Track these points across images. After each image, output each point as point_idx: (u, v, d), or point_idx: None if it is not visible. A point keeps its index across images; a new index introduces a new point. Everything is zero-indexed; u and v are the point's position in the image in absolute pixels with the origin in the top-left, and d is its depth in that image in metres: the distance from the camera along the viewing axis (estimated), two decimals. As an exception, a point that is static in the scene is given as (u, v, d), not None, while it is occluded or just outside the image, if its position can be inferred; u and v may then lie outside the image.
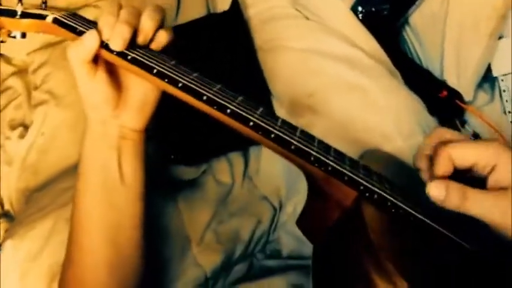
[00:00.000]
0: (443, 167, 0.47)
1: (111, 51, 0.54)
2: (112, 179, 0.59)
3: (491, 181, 0.46)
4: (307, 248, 0.80)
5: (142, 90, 0.59)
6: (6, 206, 0.90)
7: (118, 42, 0.53)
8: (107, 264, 0.60)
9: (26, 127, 0.93)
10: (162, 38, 0.56)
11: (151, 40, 0.56)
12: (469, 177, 0.48)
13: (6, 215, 0.90)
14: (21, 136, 0.92)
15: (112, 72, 0.57)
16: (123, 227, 0.61)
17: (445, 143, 0.48)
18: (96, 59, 0.55)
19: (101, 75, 0.55)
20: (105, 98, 0.56)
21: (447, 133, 0.50)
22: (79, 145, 0.86)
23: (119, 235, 0.60)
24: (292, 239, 0.83)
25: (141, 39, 0.55)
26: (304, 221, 0.58)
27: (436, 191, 0.46)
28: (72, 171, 0.86)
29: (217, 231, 0.79)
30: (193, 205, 0.81)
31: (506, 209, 0.44)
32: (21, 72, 1.00)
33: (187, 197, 0.82)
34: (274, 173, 0.87)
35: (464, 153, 0.46)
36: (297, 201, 0.85)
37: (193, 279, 0.75)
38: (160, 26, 0.57)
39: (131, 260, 0.62)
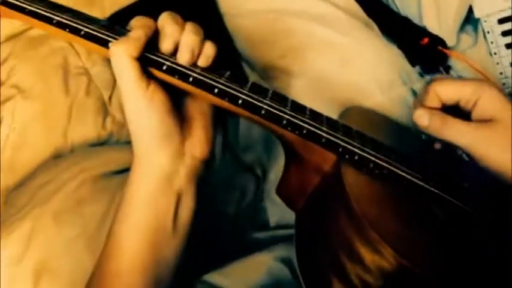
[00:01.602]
0: (430, 100, 0.52)
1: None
2: (163, 229, 0.51)
3: (474, 115, 0.51)
4: (293, 216, 0.78)
5: (202, 112, 0.52)
6: (-13, 208, 0.88)
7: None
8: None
9: (-4, 125, 0.89)
10: (210, 52, 0.50)
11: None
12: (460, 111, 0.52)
13: (-12, 217, 0.87)
14: (-7, 134, 0.88)
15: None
16: (164, 268, 0.52)
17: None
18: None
19: (157, 95, 0.47)
20: (168, 127, 0.48)
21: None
22: (52, 136, 0.87)
23: (158, 268, 0.52)
24: (277, 208, 0.81)
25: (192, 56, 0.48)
26: (283, 189, 0.56)
27: (420, 116, 0.51)
28: (48, 164, 0.84)
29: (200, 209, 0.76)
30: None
31: (489, 139, 0.48)
32: (-14, 69, 0.96)
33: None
34: (254, 140, 0.84)
35: (448, 89, 0.51)
36: (279, 168, 0.81)
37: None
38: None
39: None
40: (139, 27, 0.47)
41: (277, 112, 0.49)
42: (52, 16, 0.51)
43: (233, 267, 0.66)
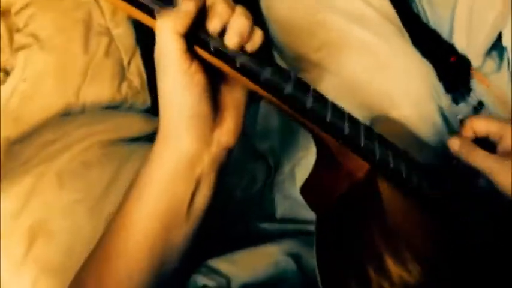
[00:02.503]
0: (465, 131, 0.62)
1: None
2: (177, 214, 0.49)
3: (499, 147, 0.60)
4: (303, 212, 0.77)
5: (236, 101, 0.50)
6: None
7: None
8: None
9: (7, 72, 0.86)
10: (258, 39, 0.47)
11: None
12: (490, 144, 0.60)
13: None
14: (2, 82, 0.85)
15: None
16: (171, 252, 0.51)
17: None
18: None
19: (198, 75, 0.45)
20: (201, 111, 0.46)
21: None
22: (64, 92, 0.84)
23: (165, 252, 0.51)
24: (287, 201, 0.80)
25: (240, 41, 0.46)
26: (308, 189, 0.55)
27: (453, 142, 0.60)
28: (57, 121, 0.81)
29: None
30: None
31: (508, 168, 0.56)
32: (4, 13, 0.90)
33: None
34: (271, 130, 0.82)
35: (480, 124, 0.61)
36: (296, 162, 0.80)
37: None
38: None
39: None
40: (189, 2, 0.44)
41: (320, 114, 0.48)
42: None
43: (240, 256, 0.65)
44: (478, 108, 0.89)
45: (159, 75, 0.46)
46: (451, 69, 0.86)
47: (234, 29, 0.45)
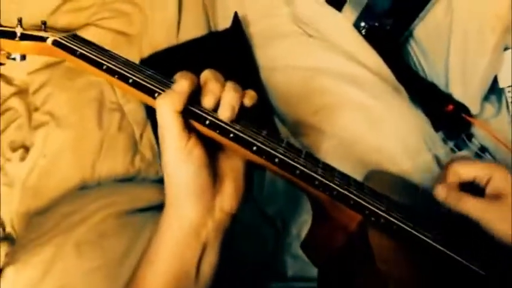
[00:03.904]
0: (450, 177, 0.59)
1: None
2: (186, 279, 0.51)
3: (488, 190, 0.57)
4: (312, 270, 0.78)
5: (235, 168, 0.53)
6: (8, 229, 0.89)
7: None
8: None
9: (26, 149, 0.92)
10: (250, 102, 0.51)
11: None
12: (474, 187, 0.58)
13: (7, 238, 0.88)
14: (22, 158, 0.90)
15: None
16: None
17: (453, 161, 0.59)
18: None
19: (196, 148, 0.49)
20: (202, 182, 0.49)
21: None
22: (81, 166, 0.89)
23: None
24: (297, 262, 0.82)
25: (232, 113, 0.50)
26: (308, 245, 0.57)
27: (439, 191, 0.57)
28: (74, 194, 0.86)
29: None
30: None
31: (498, 213, 0.54)
32: (21, 92, 0.98)
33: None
34: (277, 194, 0.85)
35: (466, 168, 0.58)
36: (302, 223, 0.83)
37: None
38: None
39: None
40: (183, 80, 0.49)
41: (311, 173, 0.51)
42: (102, 62, 0.53)
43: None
44: (481, 153, 0.90)
45: (162, 151, 0.49)
46: (450, 117, 0.89)
47: (226, 103, 0.49)
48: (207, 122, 0.49)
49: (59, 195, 0.87)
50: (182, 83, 0.48)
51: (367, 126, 0.78)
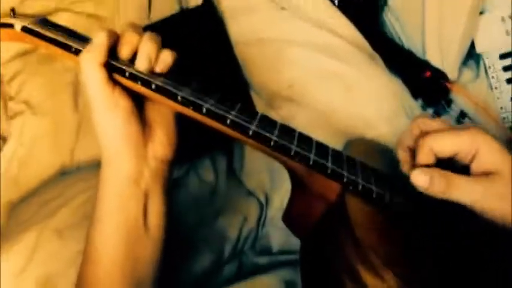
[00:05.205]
0: (425, 158, 0.48)
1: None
2: (135, 230, 0.52)
3: (474, 167, 0.47)
4: (297, 242, 0.79)
5: (163, 115, 0.55)
6: (-8, 221, 0.88)
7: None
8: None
9: (4, 139, 0.90)
10: (167, 58, 0.52)
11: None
12: (454, 163, 0.49)
13: (-8, 230, 0.88)
14: (1, 149, 0.89)
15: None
16: (142, 270, 0.54)
17: (424, 134, 0.49)
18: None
19: (122, 99, 0.50)
20: (132, 131, 0.51)
21: (427, 121, 0.51)
22: (59, 152, 0.88)
23: (136, 271, 0.54)
24: (281, 234, 0.82)
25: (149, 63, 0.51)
26: (289, 216, 0.58)
27: (419, 179, 0.47)
28: (53, 181, 0.85)
29: (204, 232, 0.77)
30: (178, 206, 0.79)
31: (491, 193, 0.46)
32: (-3, 83, 0.97)
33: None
34: (258, 167, 0.85)
35: (443, 145, 0.47)
36: (284, 194, 0.83)
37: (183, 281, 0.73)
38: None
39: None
40: (101, 33, 0.50)
41: (286, 144, 0.50)
42: (70, 44, 0.54)
43: (239, 287, 0.67)
44: (461, 118, 0.90)
45: (89, 105, 0.51)
46: (428, 84, 0.89)
47: (143, 53, 0.51)
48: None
49: (39, 183, 0.86)
50: (100, 36, 0.50)
51: (342, 94, 0.78)
